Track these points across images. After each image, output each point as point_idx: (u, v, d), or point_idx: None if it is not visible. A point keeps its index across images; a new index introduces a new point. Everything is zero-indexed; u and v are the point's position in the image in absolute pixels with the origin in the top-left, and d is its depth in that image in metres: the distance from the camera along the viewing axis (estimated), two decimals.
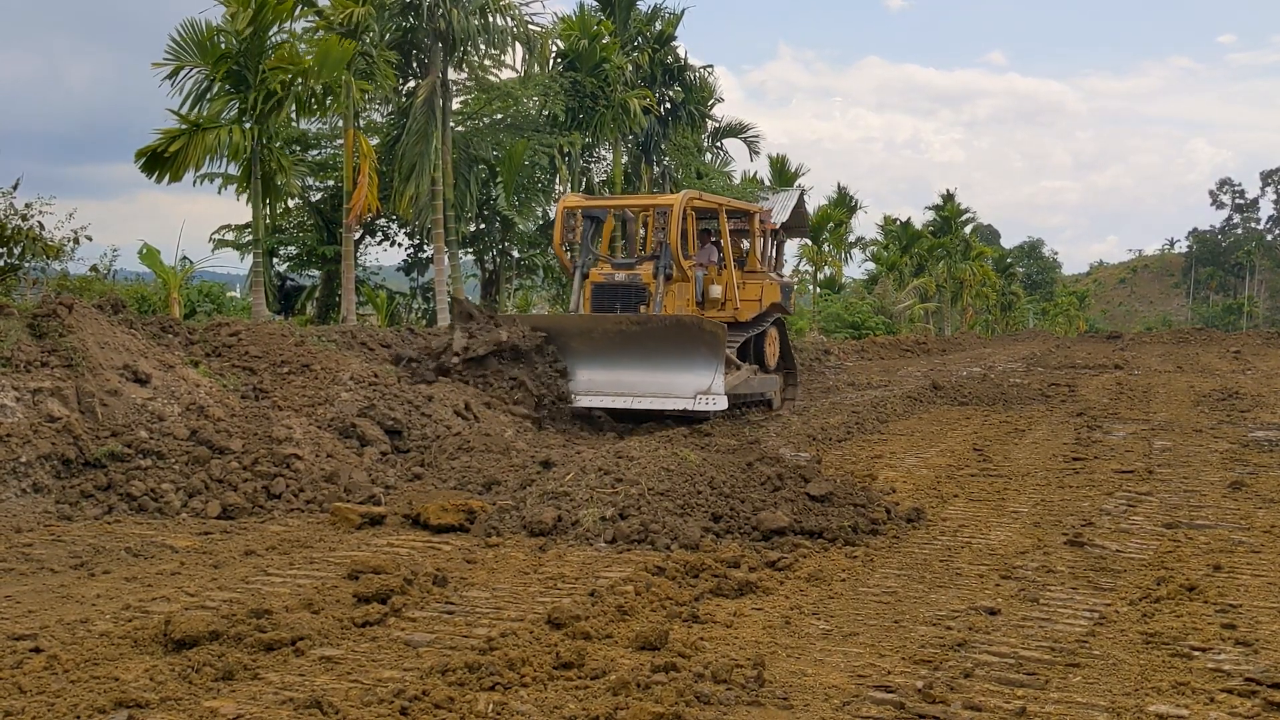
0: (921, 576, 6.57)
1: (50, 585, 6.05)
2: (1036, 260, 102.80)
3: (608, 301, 14.89)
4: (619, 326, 13.71)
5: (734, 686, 4.47)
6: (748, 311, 16.36)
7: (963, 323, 60.11)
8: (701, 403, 13.21)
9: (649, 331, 13.53)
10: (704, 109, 31.15)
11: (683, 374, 13.33)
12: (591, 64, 26.12)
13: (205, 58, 18.11)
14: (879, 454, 11.96)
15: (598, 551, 7.12)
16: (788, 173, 37.45)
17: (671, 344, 13.46)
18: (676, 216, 14.42)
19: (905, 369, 27.59)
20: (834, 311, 44.70)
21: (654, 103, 28.60)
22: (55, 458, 8.11)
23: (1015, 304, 75.83)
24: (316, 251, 27.43)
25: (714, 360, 13.35)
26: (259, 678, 4.53)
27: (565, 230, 15.30)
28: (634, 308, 14.61)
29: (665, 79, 29.86)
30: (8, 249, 15.56)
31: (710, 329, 13.35)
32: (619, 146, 29.02)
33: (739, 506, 7.70)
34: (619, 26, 28.25)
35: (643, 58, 28.65)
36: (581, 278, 15.24)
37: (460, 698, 4.28)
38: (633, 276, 14.92)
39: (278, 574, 6.38)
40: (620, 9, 28.62)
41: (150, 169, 17.43)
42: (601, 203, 16.66)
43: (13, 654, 4.71)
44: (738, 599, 6.00)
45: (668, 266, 14.57)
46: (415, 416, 10.63)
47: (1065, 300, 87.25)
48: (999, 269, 70.86)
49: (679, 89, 30.38)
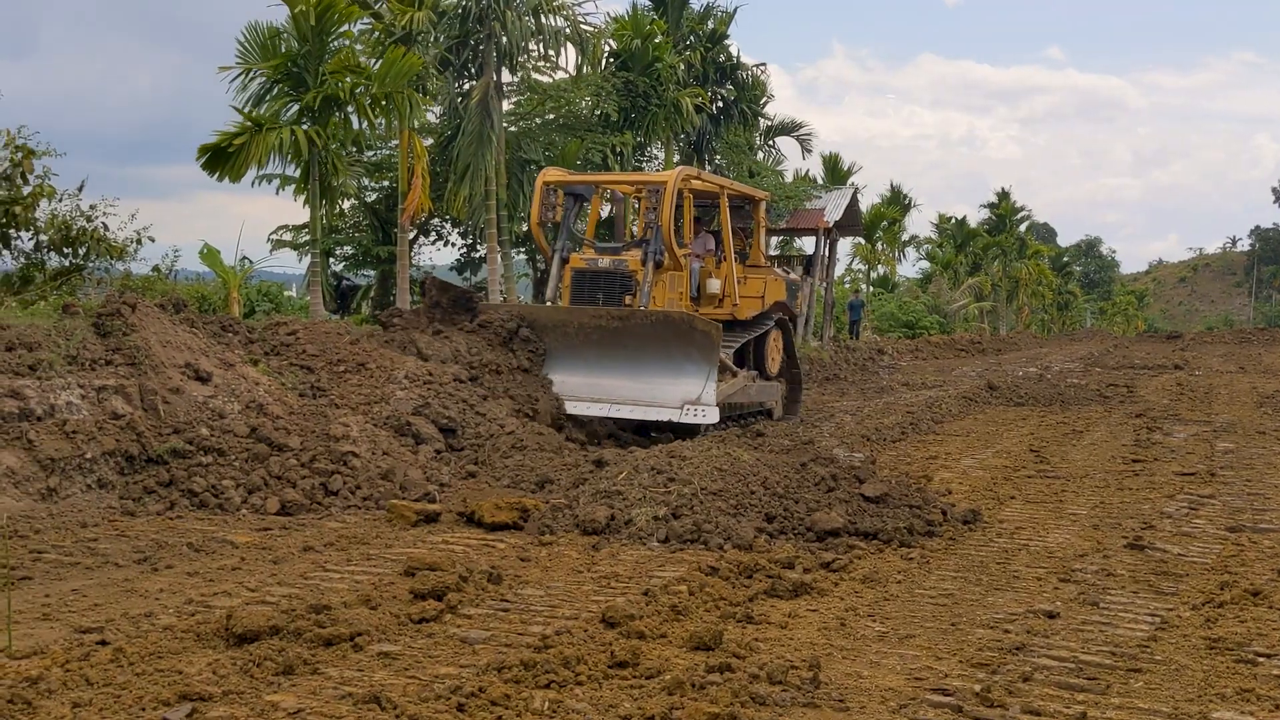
0: (978, 579, 6.51)
1: (115, 579, 6.16)
2: (1094, 259, 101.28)
3: (589, 290, 13.29)
4: (598, 321, 12.24)
5: (789, 688, 4.46)
6: (748, 309, 14.82)
7: (1018, 322, 59.43)
8: (689, 414, 11.61)
9: (632, 329, 12.07)
10: (756, 107, 31.01)
11: (669, 380, 11.85)
12: (644, 63, 26.12)
13: (267, 59, 18.36)
14: (934, 455, 11.86)
15: (651, 551, 7.13)
16: (841, 171, 37.20)
17: (658, 344, 11.98)
18: (670, 196, 12.86)
19: (960, 369, 27.35)
20: (888, 310, 44.36)
21: (706, 101, 28.55)
22: (119, 454, 8.27)
23: (1072, 303, 74.81)
24: (371, 251, 27.72)
25: (706, 365, 11.85)
26: (319, 672, 4.58)
27: (544, 208, 13.78)
28: (618, 298, 13.05)
29: (718, 77, 29.77)
30: (73, 249, 15.88)
31: (704, 328, 11.90)
32: (671, 145, 29.00)
33: (793, 507, 7.67)
34: (671, 25, 28.22)
35: (695, 56, 28.59)
36: (561, 262, 13.75)
37: (516, 695, 4.30)
38: (618, 263, 13.27)
39: (336, 570, 6.46)
40: (673, 8, 28.59)
41: (211, 167, 17.67)
42: (586, 178, 14.94)
43: (80, 646, 4.81)
44: (792, 600, 5.99)
45: (658, 253, 13.00)
46: (469, 415, 10.70)
47: (1123, 299, 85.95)
48: (1055, 267, 69.93)
49: (731, 87, 30.29)
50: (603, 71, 25.89)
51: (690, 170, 14.26)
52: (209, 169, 17.80)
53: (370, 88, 18.66)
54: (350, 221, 28.89)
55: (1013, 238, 58.78)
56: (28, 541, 6.85)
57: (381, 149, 27.46)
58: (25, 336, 8.51)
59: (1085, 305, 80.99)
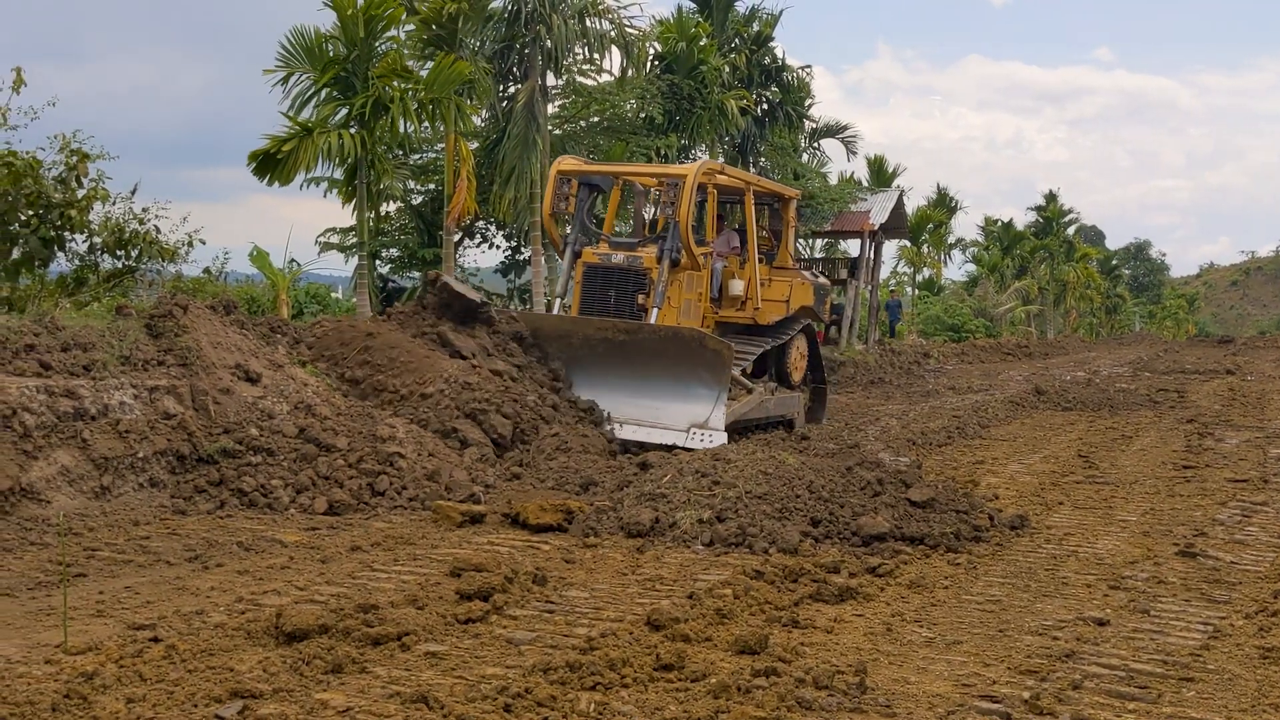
0: (1027, 585, 6.46)
1: (167, 577, 6.25)
2: (1143, 262, 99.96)
3: (600, 287, 12.72)
4: (604, 334, 11.61)
5: (836, 693, 4.44)
6: (771, 314, 14.16)
7: (1066, 326, 58.76)
8: (695, 438, 10.90)
9: (640, 343, 11.43)
10: (801, 109, 30.91)
11: (677, 400, 11.19)
12: (689, 66, 26.11)
13: (314, 64, 18.55)
14: (981, 459, 11.76)
15: (695, 554, 7.13)
16: (886, 173, 36.99)
17: (666, 362, 11.30)
18: (689, 189, 12.18)
19: (1007, 373, 27.09)
20: (933, 314, 44.04)
21: (751, 104, 28.50)
22: (171, 453, 8.39)
23: (1121, 307, 73.83)
24: (417, 254, 27.90)
25: (715, 387, 11.17)
26: (367, 671, 4.63)
27: (557, 198, 13.11)
28: (631, 297, 12.45)
29: (762, 80, 29.70)
30: (126, 252, 16.10)
31: (714, 347, 11.26)
32: (716, 148, 28.98)
33: (838, 511, 7.64)
34: (716, 28, 28.19)
35: (740, 59, 28.55)
36: (573, 256, 13.08)
37: (562, 696, 4.32)
38: (632, 259, 12.62)
39: (383, 570, 6.51)
40: (718, 10, 28.57)
41: (262, 172, 17.89)
42: (602, 168, 14.37)
43: (134, 643, 4.88)
44: (838, 604, 5.96)
45: (674, 250, 12.28)
46: (522, 415, 10.73)
47: (1174, 303, 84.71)
48: (1104, 271, 69.07)
49: (776, 89, 30.22)
50: (647, 74, 25.92)
51: (713, 164, 13.55)
52: (259, 174, 18.02)
53: (418, 93, 18.81)
54: (396, 224, 29.10)
55: (1060, 240, 58.15)
56: (82, 539, 6.97)
57: (427, 152, 27.66)
58: (80, 337, 8.65)
59: (1134, 309, 79.90)
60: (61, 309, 12.38)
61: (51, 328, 8.54)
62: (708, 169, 13.08)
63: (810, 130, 32.46)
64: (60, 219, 15.11)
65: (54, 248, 15.47)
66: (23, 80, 15.18)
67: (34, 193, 14.98)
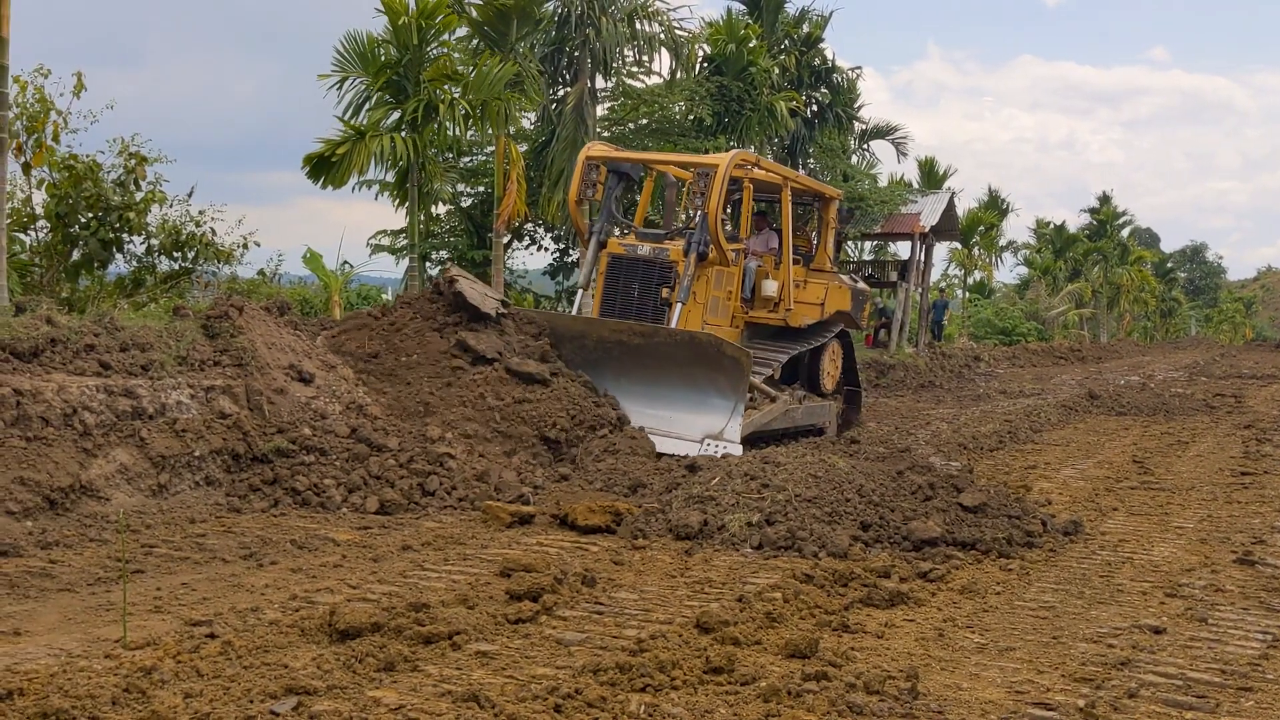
0: (1081, 592, 6.38)
1: (222, 574, 6.34)
2: (1199, 265, 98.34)
3: (625, 280, 12.21)
4: (619, 336, 11.11)
5: (887, 698, 4.42)
6: (804, 316, 13.58)
7: (1120, 329, 57.99)
8: (709, 449, 10.39)
9: (655, 348, 10.94)
10: (851, 111, 30.79)
11: (692, 409, 10.70)
12: (738, 67, 26.09)
13: (367, 68, 18.76)
14: (1033, 464, 11.64)
15: (744, 557, 7.11)
16: (937, 175, 36.72)
17: (681, 368, 10.83)
18: (720, 181, 11.61)
19: (1059, 377, 26.78)
20: (984, 317, 43.64)
21: (801, 105, 28.41)
22: (226, 452, 8.50)
23: (1176, 310, 72.75)
24: (467, 255, 28.08)
25: (732, 396, 10.67)
26: (419, 669, 4.66)
27: (584, 185, 12.60)
28: (654, 291, 11.95)
29: (812, 81, 29.62)
30: (182, 253, 16.38)
31: (732, 354, 10.74)
32: (765, 149, 28.92)
33: (889, 515, 7.59)
34: (766, 29, 28.15)
35: (790, 60, 28.49)
36: (598, 246, 12.66)
37: (613, 697, 4.33)
38: (658, 251, 12.10)
39: (433, 569, 6.56)
40: (768, 12, 28.52)
41: (316, 175, 18.13)
42: (631, 156, 13.73)
43: (190, 639, 4.96)
44: (888, 609, 5.93)
45: (702, 243, 11.74)
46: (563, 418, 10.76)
47: (1230, 306, 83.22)
48: (1159, 274, 68.09)
49: (826, 91, 30.11)
50: (696, 76, 25.93)
51: (747, 155, 13.09)
52: (313, 177, 18.26)
53: (466, 95, 18.95)
54: (446, 226, 29.32)
55: (1114, 243, 57.42)
56: (140, 536, 7.09)
57: (477, 155, 27.85)
58: (138, 338, 8.79)
59: (1190, 312, 78.65)
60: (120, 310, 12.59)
61: (110, 328, 8.69)
62: (741, 159, 12.61)
63: (860, 132, 32.32)
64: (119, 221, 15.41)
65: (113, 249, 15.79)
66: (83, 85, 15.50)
67: (93, 195, 15.31)
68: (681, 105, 26.09)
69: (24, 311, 8.74)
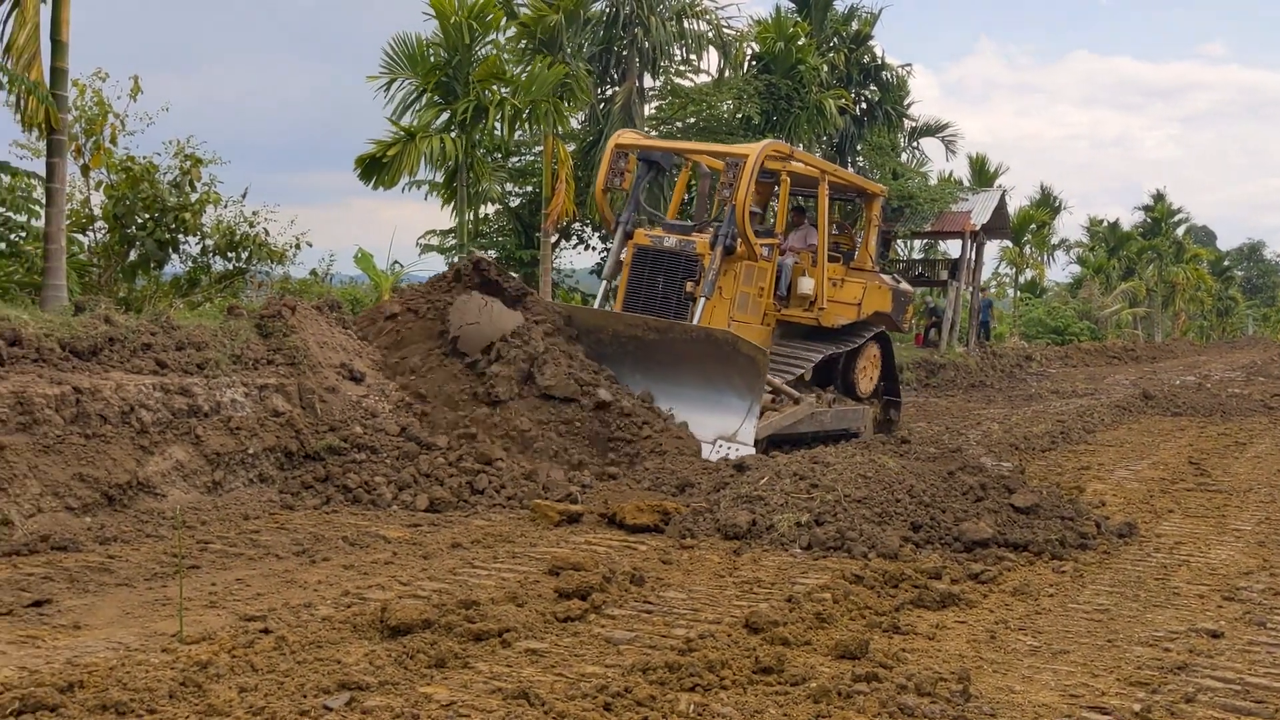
0: (1136, 594, 6.29)
1: (276, 570, 6.42)
2: (1257, 263, 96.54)
3: (650, 272, 11.87)
4: (634, 330, 10.77)
5: (939, 700, 4.38)
6: (838, 316, 13.05)
7: (1175, 329, 57.09)
8: (720, 450, 10.00)
9: (671, 343, 10.58)
10: (901, 108, 30.57)
11: (704, 408, 10.31)
12: (787, 66, 25.99)
13: (416, 70, 18.91)
14: (1086, 465, 11.50)
15: (793, 557, 7.08)
16: (987, 172, 36.36)
17: (697, 365, 10.44)
18: (749, 171, 11.21)
19: (1112, 377, 26.43)
20: (1036, 316, 43.14)
21: (850, 103, 28.25)
22: (279, 450, 8.62)
23: (1233, 309, 71.49)
24: (515, 255, 28.20)
25: (748, 396, 10.26)
26: (469, 666, 4.69)
27: (611, 173, 12.24)
28: (679, 284, 11.60)
29: (861, 78, 29.44)
30: (236, 254, 16.61)
31: (749, 352, 10.30)
32: (814, 147, 28.79)
33: (939, 516, 7.53)
34: (815, 27, 28.02)
35: (839, 58, 28.34)
36: (624, 237, 12.25)
37: (662, 697, 4.33)
38: (685, 244, 11.74)
39: (483, 567, 6.60)
40: (816, 10, 28.38)
41: (367, 176, 18.32)
42: (661, 144, 13.33)
43: (245, 634, 5.03)
44: (939, 611, 5.88)
45: (729, 237, 11.36)
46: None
47: None
48: (1215, 272, 66.94)
49: (875, 88, 29.92)
50: (745, 74, 25.86)
51: (780, 145, 12.55)
52: (364, 178, 18.45)
53: (515, 96, 19.05)
54: (495, 226, 29.46)
55: (1169, 241, 56.55)
56: (195, 532, 7.20)
57: (526, 155, 27.96)
58: (193, 337, 8.93)
59: (1247, 311, 77.28)
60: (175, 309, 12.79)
61: (167, 327, 8.83)
62: (774, 150, 12.15)
63: (910, 129, 32.08)
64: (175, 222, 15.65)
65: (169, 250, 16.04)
66: (140, 88, 15.78)
67: (150, 196, 15.57)
68: (729, 104, 26.03)
69: (83, 311, 8.90)
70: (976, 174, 36.13)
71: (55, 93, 12.10)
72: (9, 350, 7.51)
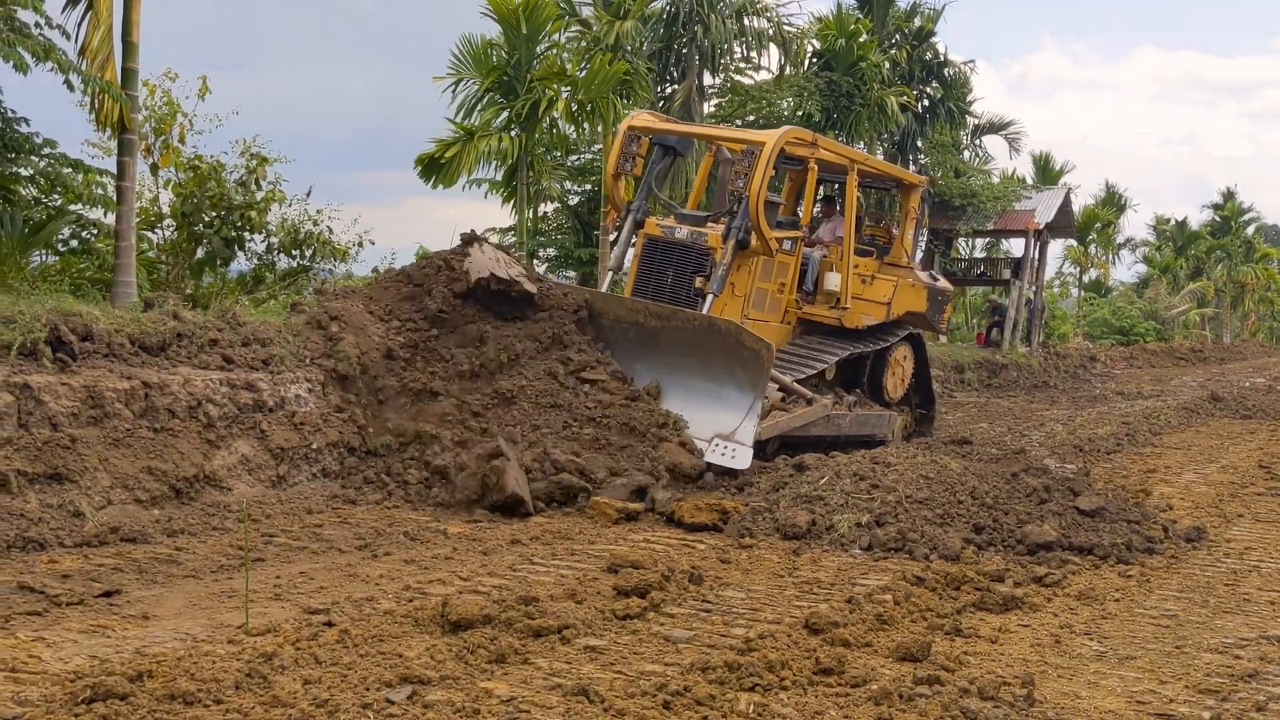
0: (1204, 600, 6.17)
1: (339, 564, 6.50)
2: None
3: (659, 264, 11.03)
4: (635, 317, 10.02)
5: (1002, 704, 4.33)
6: (864, 315, 12.09)
7: (1244, 329, 55.86)
8: (716, 452, 9.22)
9: (672, 332, 9.83)
10: (964, 105, 30.22)
11: (704, 403, 9.55)
12: (848, 63, 25.80)
13: (479, 70, 19.06)
14: (1153, 468, 11.30)
15: (853, 558, 7.04)
16: (1052, 170, 35.87)
17: (698, 357, 9.72)
18: (766, 159, 10.41)
19: (1179, 378, 25.93)
20: (1100, 316, 42.47)
21: (912, 100, 27.99)
22: (342, 445, 8.72)
23: None
24: (574, 254, 28.30)
25: (750, 393, 9.42)
26: (529, 662, 4.71)
27: (623, 158, 11.46)
28: (688, 278, 10.77)
29: (924, 75, 29.14)
30: (300, 252, 16.84)
31: (753, 345, 9.45)
32: (875, 145, 28.55)
33: (1002, 518, 7.44)
34: (877, 24, 27.79)
35: (901, 54, 28.07)
36: (634, 226, 11.47)
37: (721, 696, 4.32)
38: (696, 235, 10.87)
39: (542, 564, 6.63)
40: (878, 6, 28.15)
41: (427, 175, 18.52)
42: (678, 128, 12.44)
43: (309, 627, 5.09)
44: (1002, 614, 5.81)
45: (742, 229, 10.52)
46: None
47: None
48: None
49: (937, 85, 29.61)
50: (805, 72, 25.72)
51: (801, 132, 11.57)
52: (425, 177, 18.64)
53: (576, 94, 19.11)
54: (553, 224, 29.58)
55: (1239, 240, 55.31)
56: (260, 525, 7.30)
57: (585, 153, 28.04)
58: (259, 333, 9.05)
59: None
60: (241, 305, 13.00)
61: (233, 324, 8.96)
62: (795, 136, 11.26)
63: (973, 127, 31.70)
64: (241, 220, 15.90)
65: (234, 247, 16.30)
66: (208, 89, 16.06)
67: (217, 195, 15.83)
68: (789, 101, 25.88)
69: (152, 307, 9.06)
70: (1041, 172, 35.65)
71: (127, 93, 12.36)
72: (81, 345, 7.66)
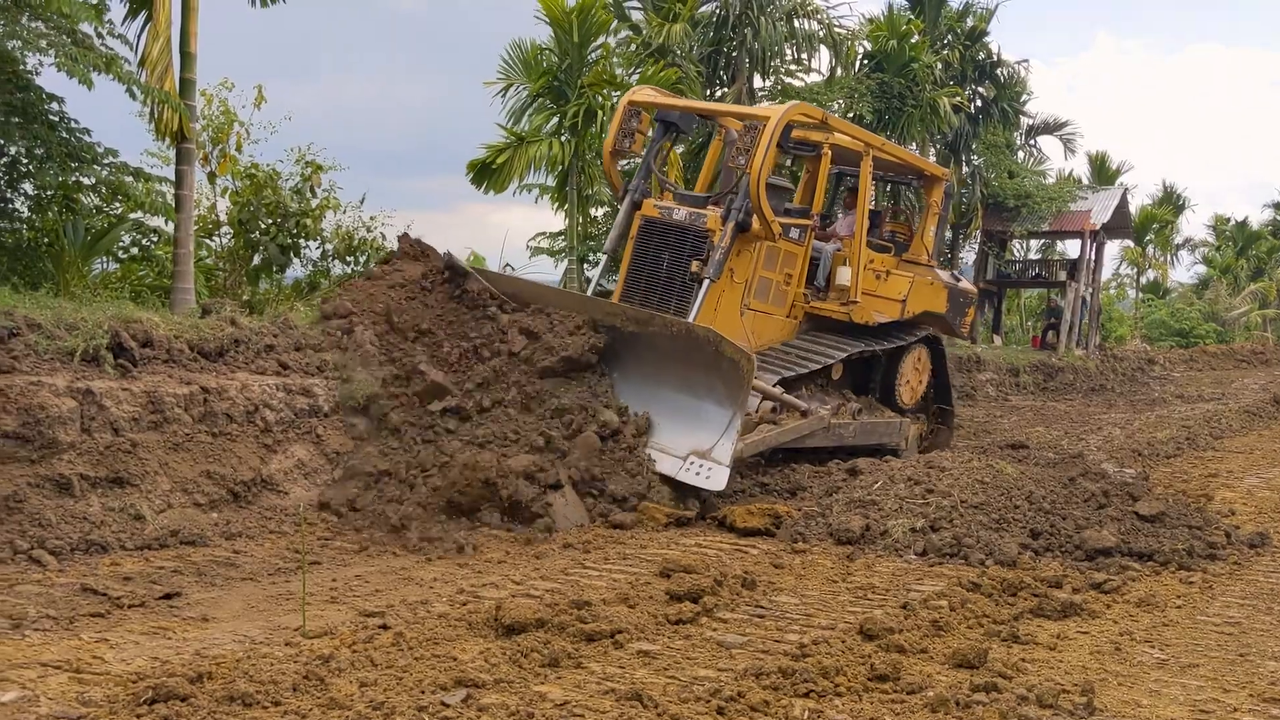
0: (1269, 607, 6.05)
1: (393, 568, 6.55)
2: None
3: (655, 247, 10.33)
4: (611, 320, 9.08)
5: (1061, 712, 4.27)
6: (875, 312, 11.26)
7: None
8: (690, 470, 8.37)
9: (650, 339, 8.93)
10: (1017, 105, 29.89)
11: (680, 417, 8.70)
12: (899, 64, 25.60)
13: (529, 75, 19.14)
14: (1214, 472, 11.10)
15: (907, 563, 6.98)
16: (1108, 170, 35.34)
17: (676, 367, 8.82)
18: (768, 134, 9.71)
19: (1240, 381, 25.47)
20: (1159, 318, 41.81)
21: (965, 101, 27.72)
22: None
23: None
24: None
25: (729, 408, 8.49)
26: (582, 667, 4.72)
27: (622, 134, 10.84)
28: (684, 262, 10.08)
29: (976, 76, 28.85)
30: (355, 258, 17.00)
31: (732, 355, 8.46)
32: (927, 146, 28.31)
33: (1060, 523, 7.34)
34: (928, 25, 27.55)
35: (953, 55, 27.80)
36: (631, 207, 10.77)
37: (775, 701, 4.30)
38: (695, 217, 10.14)
39: (594, 568, 6.64)
40: (930, 7, 27.91)
41: (478, 181, 18.62)
42: (680, 103, 11.73)
43: (364, 629, 5.14)
44: (1060, 621, 5.73)
45: (742, 211, 9.84)
46: None
47: None
48: None
49: (991, 85, 29.31)
50: (856, 73, 25.56)
51: (809, 108, 10.84)
52: (476, 182, 18.74)
53: None
54: (604, 229, 29.63)
55: None
56: (316, 529, 7.38)
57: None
58: (313, 339, 9.15)
59: None
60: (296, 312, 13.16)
61: (288, 329, 9.06)
62: (802, 112, 10.63)
63: (1026, 127, 31.36)
64: (296, 227, 16.10)
65: (290, 254, 16.50)
66: (263, 97, 16.27)
67: (273, 202, 16.04)
68: (840, 103, 25.73)
69: (209, 313, 9.19)
70: (1097, 172, 35.17)
71: (185, 103, 12.56)
72: (141, 351, 7.78)
